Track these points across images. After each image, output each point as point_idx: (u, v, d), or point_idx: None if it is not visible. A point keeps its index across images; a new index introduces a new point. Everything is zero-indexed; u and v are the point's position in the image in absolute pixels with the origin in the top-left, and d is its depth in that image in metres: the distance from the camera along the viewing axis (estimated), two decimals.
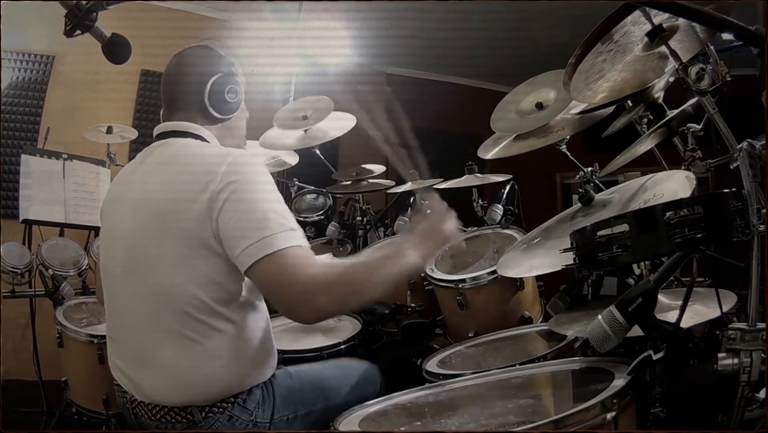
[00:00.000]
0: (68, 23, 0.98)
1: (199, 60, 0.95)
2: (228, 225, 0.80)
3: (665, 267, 0.72)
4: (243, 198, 0.81)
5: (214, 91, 0.93)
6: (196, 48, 0.97)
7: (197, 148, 0.91)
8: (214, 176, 0.81)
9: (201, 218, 0.81)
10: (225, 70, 0.94)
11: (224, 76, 0.94)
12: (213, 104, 0.93)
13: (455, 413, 0.79)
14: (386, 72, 3.99)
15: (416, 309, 1.46)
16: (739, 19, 0.69)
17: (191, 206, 0.81)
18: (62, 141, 2.29)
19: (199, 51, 0.97)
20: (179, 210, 0.82)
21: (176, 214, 0.82)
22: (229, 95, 0.93)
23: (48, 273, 1.68)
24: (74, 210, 1.97)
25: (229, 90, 0.93)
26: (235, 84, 0.95)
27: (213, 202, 0.80)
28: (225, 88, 0.93)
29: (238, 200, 0.80)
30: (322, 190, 2.22)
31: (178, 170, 0.87)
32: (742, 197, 0.67)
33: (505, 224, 1.60)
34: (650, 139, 0.96)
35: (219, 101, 0.93)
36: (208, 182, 0.81)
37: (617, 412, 0.62)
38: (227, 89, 0.93)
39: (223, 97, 0.93)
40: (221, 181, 0.80)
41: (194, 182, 0.82)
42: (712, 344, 0.82)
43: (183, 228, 0.82)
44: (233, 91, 0.94)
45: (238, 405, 0.87)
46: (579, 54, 0.82)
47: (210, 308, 0.83)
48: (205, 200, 0.81)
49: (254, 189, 0.82)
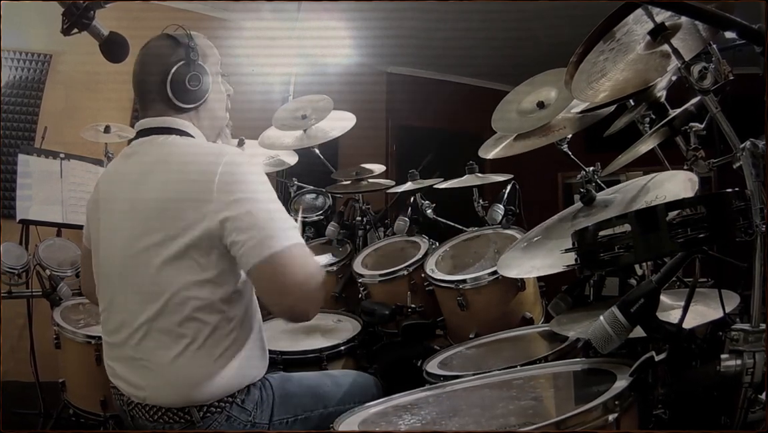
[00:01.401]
0: (65, 22, 0.97)
1: (160, 50, 0.93)
2: (229, 225, 0.80)
3: (667, 267, 0.71)
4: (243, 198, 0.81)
5: (175, 81, 0.90)
6: (156, 39, 0.95)
7: (189, 146, 0.90)
8: (212, 176, 0.81)
9: (200, 217, 0.81)
10: (184, 58, 0.91)
11: (184, 65, 0.91)
12: (176, 95, 0.91)
13: (456, 414, 0.79)
14: (386, 71, 3.99)
15: (416, 310, 1.46)
16: (742, 17, 0.68)
17: (190, 206, 0.81)
18: (60, 140, 2.28)
19: (159, 42, 0.94)
20: (178, 209, 0.82)
21: (175, 213, 0.82)
22: (191, 83, 0.91)
23: (45, 274, 1.67)
24: (72, 210, 1.95)
25: (190, 78, 0.90)
26: (198, 71, 0.91)
27: (213, 203, 0.80)
28: (185, 77, 0.90)
29: (238, 201, 0.81)
30: (321, 190, 2.21)
31: (175, 170, 0.86)
32: (745, 197, 0.66)
33: (506, 224, 1.59)
34: (652, 139, 0.96)
35: (182, 90, 0.91)
36: (207, 182, 0.81)
37: (619, 413, 0.61)
38: (188, 78, 0.90)
39: (184, 86, 0.90)
40: (219, 181, 0.81)
41: (192, 182, 0.82)
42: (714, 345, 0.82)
43: (182, 227, 0.81)
44: (195, 78, 0.91)
45: (236, 405, 0.86)
46: (581, 53, 0.81)
47: (208, 306, 0.83)
48: (205, 200, 0.81)
49: (252, 189, 0.83)
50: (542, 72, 1.38)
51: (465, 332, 1.33)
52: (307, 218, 2.12)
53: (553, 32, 2.71)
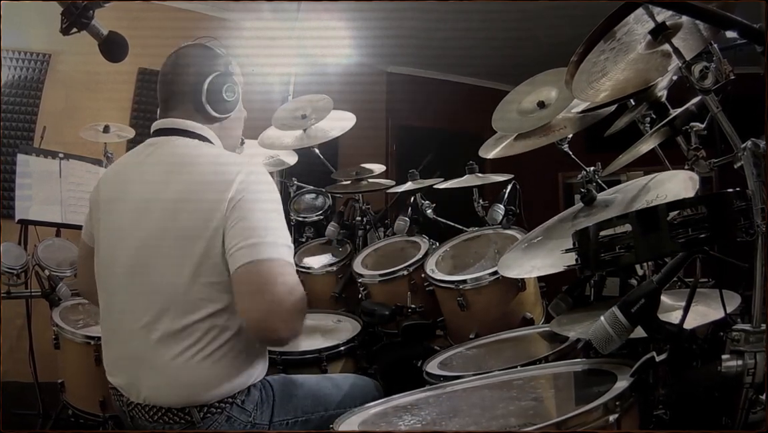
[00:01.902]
0: (65, 21, 0.97)
1: (197, 59, 0.95)
2: (231, 232, 0.82)
3: (668, 268, 0.71)
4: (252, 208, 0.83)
5: (212, 90, 0.92)
6: (193, 46, 0.97)
7: (209, 151, 0.92)
8: (231, 185, 0.83)
9: (214, 223, 0.82)
10: (222, 69, 0.94)
11: (222, 75, 0.93)
12: (210, 103, 0.93)
13: (456, 415, 0.79)
14: (386, 71, 3.99)
15: (416, 310, 1.45)
16: (743, 17, 0.68)
17: (206, 209, 0.83)
18: (59, 140, 2.28)
19: (197, 49, 0.96)
20: (194, 212, 0.83)
21: (190, 215, 0.83)
22: (226, 94, 0.93)
23: (44, 274, 1.66)
24: (71, 210, 1.95)
25: (227, 89, 0.93)
26: (233, 83, 0.95)
27: (226, 211, 0.82)
28: (223, 87, 0.93)
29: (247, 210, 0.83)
30: (321, 190, 2.21)
31: (194, 171, 0.87)
32: (746, 197, 0.66)
33: (506, 224, 1.59)
34: (653, 139, 0.95)
35: (217, 100, 0.93)
36: (225, 191, 0.83)
37: (620, 414, 0.61)
38: (225, 88, 0.93)
39: (221, 96, 0.93)
40: (237, 190, 0.83)
41: (211, 189, 0.84)
42: (715, 345, 0.82)
43: (195, 229, 0.83)
44: (231, 90, 0.94)
45: (236, 406, 0.86)
46: (581, 52, 0.81)
47: (210, 308, 0.84)
48: (220, 207, 0.82)
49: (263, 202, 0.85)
50: (542, 72, 1.38)
51: (465, 333, 1.33)
52: (307, 218, 2.12)
53: (554, 32, 2.72)
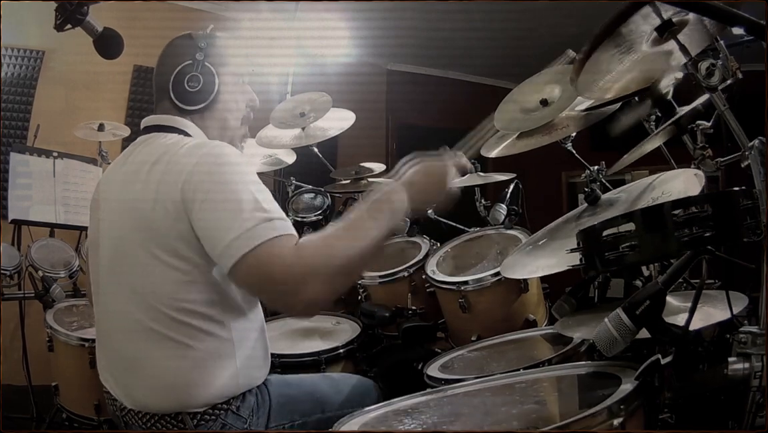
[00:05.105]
0: (58, 17, 0.95)
1: (171, 50, 0.92)
2: (202, 225, 0.76)
3: (674, 268, 0.69)
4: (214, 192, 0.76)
5: (177, 81, 0.89)
6: (178, 38, 0.94)
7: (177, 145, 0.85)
8: (185, 174, 0.77)
9: (177, 218, 0.77)
10: (189, 60, 0.89)
11: (188, 65, 0.89)
12: (176, 95, 0.89)
13: (457, 419, 0.78)
14: (386, 68, 3.97)
15: (417, 312, 1.44)
16: (750, 13, 0.67)
17: (166, 206, 0.78)
18: (53, 139, 2.25)
19: (177, 40, 0.93)
20: (155, 210, 0.79)
21: (153, 214, 0.79)
22: (189, 84, 0.88)
23: (38, 275, 1.64)
24: (65, 210, 1.92)
25: (189, 79, 0.88)
26: (202, 72, 0.89)
27: (186, 203, 0.76)
28: (185, 77, 0.88)
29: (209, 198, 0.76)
30: (320, 189, 2.19)
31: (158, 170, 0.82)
32: (753, 196, 0.65)
33: (508, 224, 1.58)
34: (658, 137, 0.94)
35: (181, 91, 0.89)
36: (181, 181, 0.77)
37: (624, 418, 0.60)
38: (187, 78, 0.88)
39: (183, 87, 0.88)
40: (192, 174, 0.76)
41: (168, 182, 0.79)
42: (722, 347, 0.81)
43: (161, 228, 0.78)
44: (195, 79, 0.88)
45: (231, 412, 0.84)
46: (587, 50, 0.79)
47: (196, 310, 0.81)
48: (179, 200, 0.77)
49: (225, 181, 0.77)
50: (545, 69, 1.37)
51: (467, 335, 1.31)
52: (306, 218, 2.10)
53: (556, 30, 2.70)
